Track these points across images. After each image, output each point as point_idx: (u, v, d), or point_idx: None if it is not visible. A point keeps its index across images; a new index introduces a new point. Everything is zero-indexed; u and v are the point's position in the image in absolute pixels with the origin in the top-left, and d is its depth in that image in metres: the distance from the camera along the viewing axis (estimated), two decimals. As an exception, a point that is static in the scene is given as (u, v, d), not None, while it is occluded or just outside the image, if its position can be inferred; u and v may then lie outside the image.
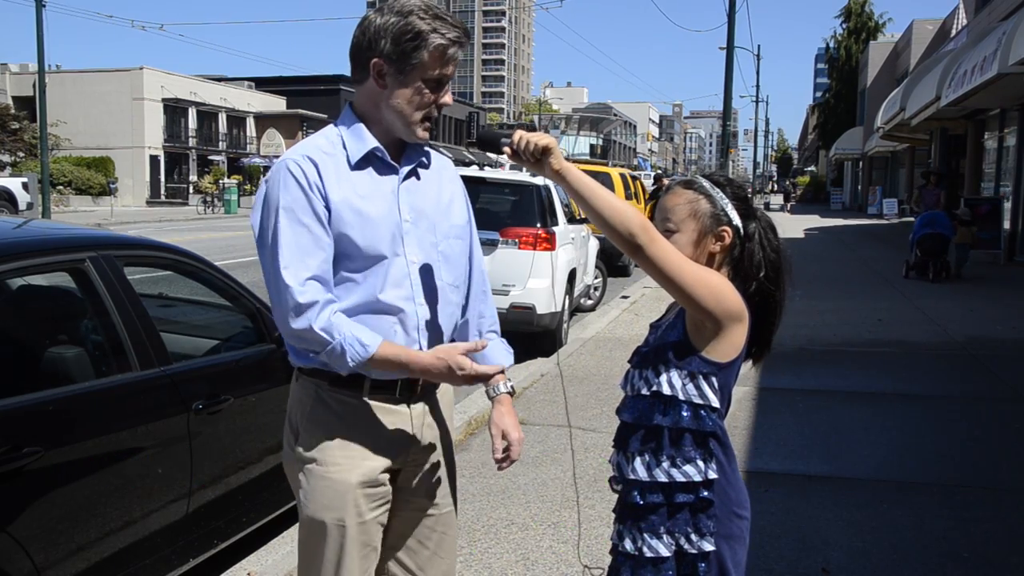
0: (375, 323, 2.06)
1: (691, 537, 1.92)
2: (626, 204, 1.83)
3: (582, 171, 1.85)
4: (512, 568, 3.66)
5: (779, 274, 2.04)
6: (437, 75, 2.04)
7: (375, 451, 2.10)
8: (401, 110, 2.05)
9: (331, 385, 2.09)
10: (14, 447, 2.63)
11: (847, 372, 7.47)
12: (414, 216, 2.13)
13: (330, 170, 2.04)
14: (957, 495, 4.55)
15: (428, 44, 2.00)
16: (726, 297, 1.89)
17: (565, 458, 5.08)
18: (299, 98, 55.19)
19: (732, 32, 23.14)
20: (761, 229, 2.03)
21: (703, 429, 1.92)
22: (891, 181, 41.75)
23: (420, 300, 2.12)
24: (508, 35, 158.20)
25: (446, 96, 2.09)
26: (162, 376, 3.25)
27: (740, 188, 2.05)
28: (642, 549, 1.93)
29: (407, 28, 2.00)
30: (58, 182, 37.37)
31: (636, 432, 1.97)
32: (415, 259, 2.12)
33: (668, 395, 1.92)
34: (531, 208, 8.59)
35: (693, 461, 1.92)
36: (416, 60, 2.01)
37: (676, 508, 1.92)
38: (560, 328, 8.72)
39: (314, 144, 2.09)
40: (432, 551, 2.25)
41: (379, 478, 2.11)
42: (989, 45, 14.14)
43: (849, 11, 51.30)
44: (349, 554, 2.08)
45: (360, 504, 2.08)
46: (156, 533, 3.17)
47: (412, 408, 2.17)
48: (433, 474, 2.24)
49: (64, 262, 3.16)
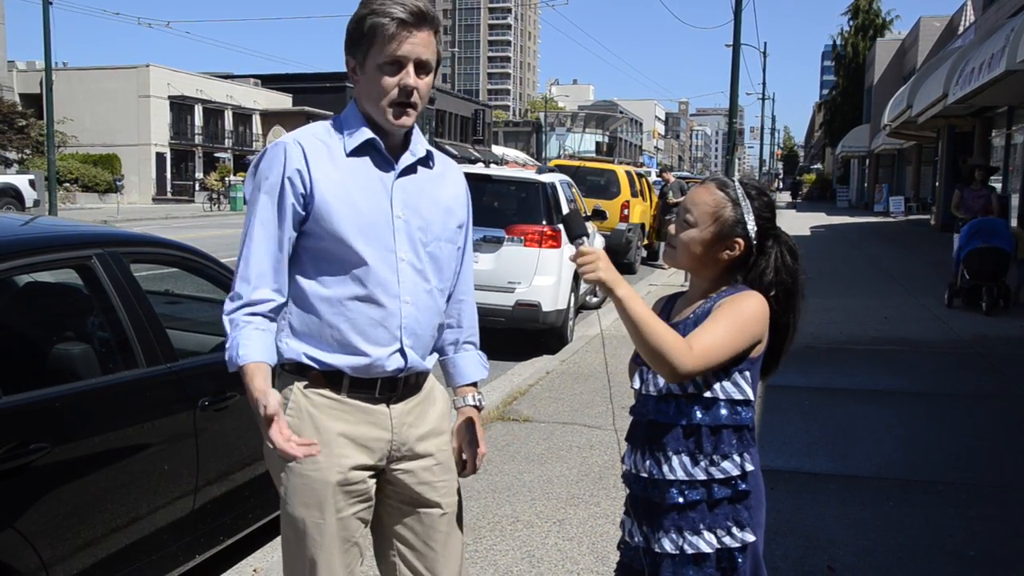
0: (358, 314, 2.05)
1: (733, 531, 1.94)
2: (675, 337, 1.86)
3: (636, 298, 1.85)
4: (517, 565, 3.66)
5: (791, 298, 2.04)
6: (390, 57, 2.01)
7: (354, 449, 2.10)
8: (371, 98, 2.07)
9: (311, 382, 2.09)
10: (21, 443, 2.64)
11: (853, 370, 7.46)
12: (407, 213, 2.12)
13: (322, 155, 2.05)
14: (963, 493, 4.54)
15: (372, 28, 2.01)
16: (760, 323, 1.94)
17: (570, 455, 5.08)
18: (305, 95, 55.18)
19: (738, 29, 23.06)
20: (779, 251, 2.03)
21: (740, 423, 1.95)
22: (898, 179, 41.64)
23: (406, 299, 2.11)
24: (514, 32, 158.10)
25: (411, 78, 2.03)
26: (168, 373, 3.25)
27: (769, 204, 2.04)
28: (683, 547, 1.95)
29: (355, 19, 2.05)
30: (64, 179, 37.43)
31: (670, 431, 1.97)
32: (404, 256, 2.10)
33: (708, 396, 1.94)
34: (537, 205, 8.59)
35: (730, 456, 1.94)
36: (366, 46, 2.03)
37: (715, 503, 1.94)
38: (566, 325, 8.71)
39: (310, 131, 2.11)
40: (439, 552, 2.24)
41: (358, 475, 2.11)
42: (997, 42, 14.08)
43: (856, 8, 51.12)
44: (328, 550, 2.09)
45: (339, 501, 2.08)
46: (162, 529, 3.18)
47: (392, 408, 2.15)
48: (429, 474, 2.22)
49: (71, 259, 3.17)
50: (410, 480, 2.20)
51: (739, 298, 1.96)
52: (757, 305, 1.94)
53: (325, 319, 2.06)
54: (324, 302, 2.05)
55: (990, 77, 14.06)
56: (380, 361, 2.09)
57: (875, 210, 38.47)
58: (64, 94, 39.70)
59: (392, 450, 2.16)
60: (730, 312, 1.92)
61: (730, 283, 2.04)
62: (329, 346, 2.07)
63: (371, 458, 2.13)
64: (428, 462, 2.22)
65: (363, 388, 2.11)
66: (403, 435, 2.17)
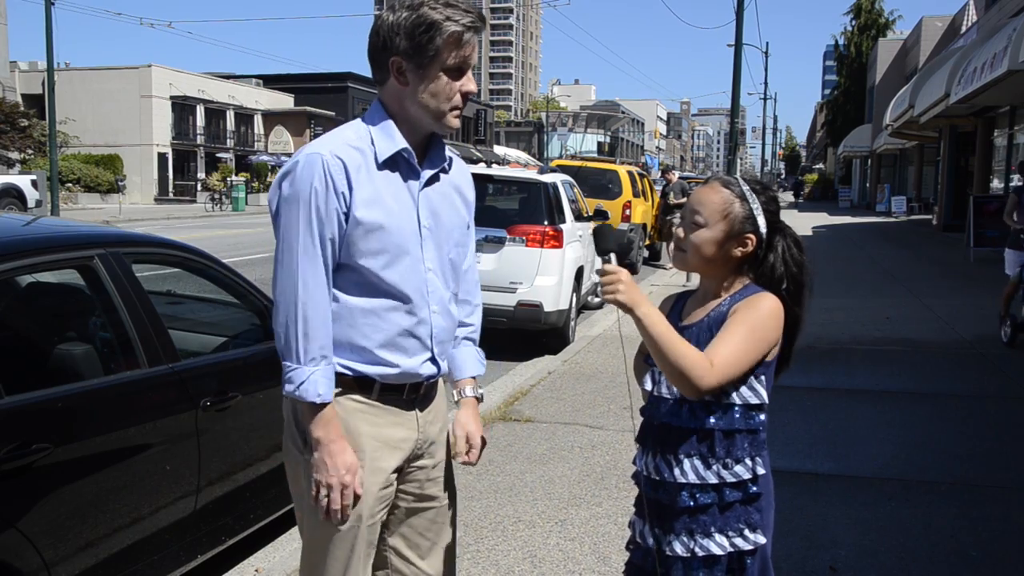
0: (392, 325, 2.06)
1: (745, 533, 1.94)
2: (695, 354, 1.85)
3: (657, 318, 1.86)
4: (519, 566, 3.66)
5: (800, 290, 2.04)
6: (456, 63, 2.02)
7: (384, 454, 2.11)
8: (427, 104, 2.03)
9: (342, 388, 2.08)
10: (23, 443, 2.64)
11: (855, 370, 7.45)
12: (432, 222, 2.12)
13: (360, 168, 2.01)
14: (965, 493, 4.54)
15: (443, 33, 1.98)
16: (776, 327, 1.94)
17: (572, 456, 5.08)
18: (307, 95, 55.22)
19: (740, 29, 23.05)
20: (785, 243, 2.03)
21: (753, 427, 1.95)
22: (900, 179, 41.61)
23: (434, 308, 2.12)
24: (516, 32, 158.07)
25: (470, 83, 2.06)
26: (170, 373, 3.26)
27: (773, 199, 2.05)
28: (695, 550, 1.94)
29: (420, 21, 1.98)
30: (67, 179, 37.48)
31: (683, 435, 1.97)
32: (430, 266, 2.11)
33: (724, 401, 1.93)
34: (539, 206, 8.58)
35: (742, 460, 1.94)
36: (432, 51, 1.99)
37: (727, 506, 1.94)
38: (567, 326, 8.71)
39: (343, 140, 2.04)
40: (432, 542, 2.27)
41: (388, 479, 2.12)
42: (999, 42, 14.06)
43: (859, 8, 51.13)
44: (358, 555, 2.10)
45: (371, 507, 2.09)
46: (164, 529, 3.18)
47: (417, 409, 2.18)
48: (436, 470, 2.26)
49: (73, 259, 3.17)
50: (421, 476, 2.22)
51: (754, 301, 1.95)
52: (773, 307, 1.94)
53: (359, 330, 2.05)
54: (359, 314, 2.05)
55: (992, 77, 14.05)
56: (412, 370, 2.11)
57: (877, 210, 38.43)
58: (66, 94, 39.76)
59: (415, 448, 2.18)
60: (747, 318, 1.91)
61: (740, 282, 2.03)
62: (362, 356, 2.07)
63: (400, 459, 2.15)
64: (438, 457, 2.25)
65: (392, 392, 2.12)
66: (426, 433, 2.21)
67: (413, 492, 2.22)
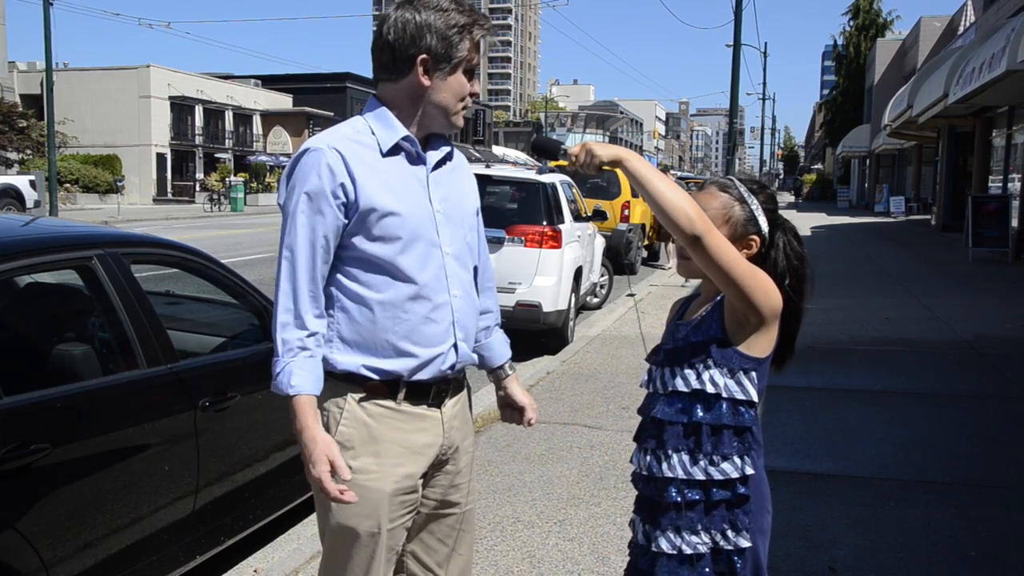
0: (413, 314, 2.05)
1: (727, 534, 1.93)
2: (685, 195, 1.82)
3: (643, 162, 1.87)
4: (518, 566, 3.66)
5: (802, 282, 2.04)
6: (472, 65, 2.10)
7: (408, 457, 2.10)
8: (446, 103, 2.09)
9: (368, 392, 2.07)
10: (22, 444, 2.64)
11: (854, 370, 7.46)
12: (445, 207, 2.14)
13: (360, 159, 2.03)
14: (964, 494, 4.54)
15: (472, 35, 2.06)
16: (774, 293, 1.90)
17: (571, 456, 5.08)
18: (305, 96, 55.26)
19: (739, 29, 23.09)
20: (786, 238, 2.03)
21: (741, 424, 1.94)
22: (898, 179, 41.64)
23: (455, 292, 2.13)
24: (515, 33, 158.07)
25: (476, 85, 2.15)
26: (169, 373, 3.25)
27: (771, 197, 2.05)
28: (681, 547, 1.94)
29: (451, 23, 2.04)
30: (65, 180, 37.48)
31: (672, 429, 1.97)
32: (448, 250, 2.13)
33: (712, 392, 1.93)
34: (537, 206, 8.58)
35: (730, 458, 1.93)
36: (461, 53, 2.06)
37: (713, 505, 1.94)
38: (566, 326, 8.71)
39: (341, 134, 2.07)
40: (451, 548, 2.26)
41: (412, 484, 2.11)
42: (997, 42, 14.07)
43: (857, 8, 51.16)
44: (378, 559, 2.09)
45: (393, 512, 2.08)
46: (163, 530, 3.18)
47: (443, 411, 2.17)
48: (460, 476, 2.25)
49: (71, 260, 3.17)
50: (444, 482, 2.22)
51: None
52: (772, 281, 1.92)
53: (380, 324, 2.04)
54: (378, 306, 2.04)
55: (991, 77, 14.06)
56: (438, 359, 2.10)
57: (876, 210, 38.47)
58: (65, 95, 39.77)
59: (440, 454, 2.18)
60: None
61: None
62: (385, 352, 2.05)
63: (423, 465, 2.14)
64: (461, 464, 2.25)
65: (418, 395, 2.11)
66: (451, 438, 2.20)
67: (435, 498, 2.22)
